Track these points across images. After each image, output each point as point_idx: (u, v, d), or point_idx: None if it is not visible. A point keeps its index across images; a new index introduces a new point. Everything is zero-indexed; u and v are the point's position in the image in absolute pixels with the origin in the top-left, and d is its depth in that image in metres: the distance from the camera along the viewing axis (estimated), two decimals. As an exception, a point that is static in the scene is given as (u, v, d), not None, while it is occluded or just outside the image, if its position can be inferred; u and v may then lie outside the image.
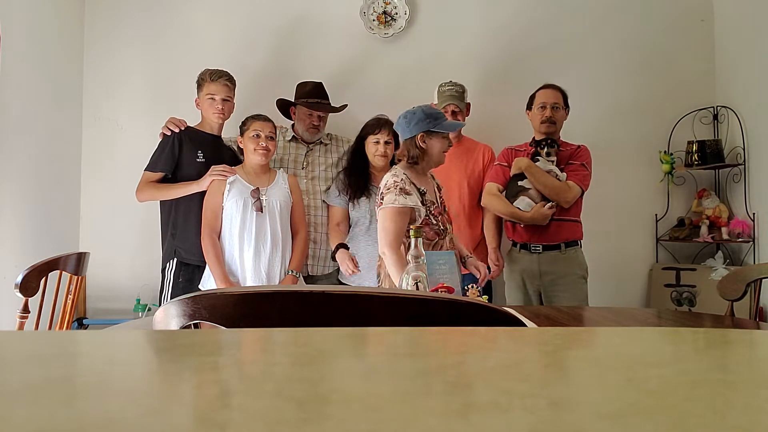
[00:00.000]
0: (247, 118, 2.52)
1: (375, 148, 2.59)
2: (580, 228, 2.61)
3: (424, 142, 2.05)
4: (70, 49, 3.07)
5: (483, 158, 2.80)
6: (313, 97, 2.74)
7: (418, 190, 2.05)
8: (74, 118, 3.09)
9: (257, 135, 2.45)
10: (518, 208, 2.50)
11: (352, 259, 2.54)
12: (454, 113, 2.72)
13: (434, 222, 2.04)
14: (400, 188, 1.98)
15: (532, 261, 2.56)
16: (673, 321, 1.79)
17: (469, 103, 2.81)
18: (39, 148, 2.75)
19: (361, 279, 2.63)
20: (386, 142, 2.59)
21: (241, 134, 2.51)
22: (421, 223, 1.99)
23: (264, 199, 2.44)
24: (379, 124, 2.62)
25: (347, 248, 2.58)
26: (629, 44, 3.30)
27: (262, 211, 2.42)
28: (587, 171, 2.57)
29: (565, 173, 2.53)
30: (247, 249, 2.39)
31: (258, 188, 2.45)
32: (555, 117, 2.59)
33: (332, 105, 2.79)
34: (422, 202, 2.03)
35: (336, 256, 2.58)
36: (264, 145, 2.45)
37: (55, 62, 2.91)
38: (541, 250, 2.55)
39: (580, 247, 2.61)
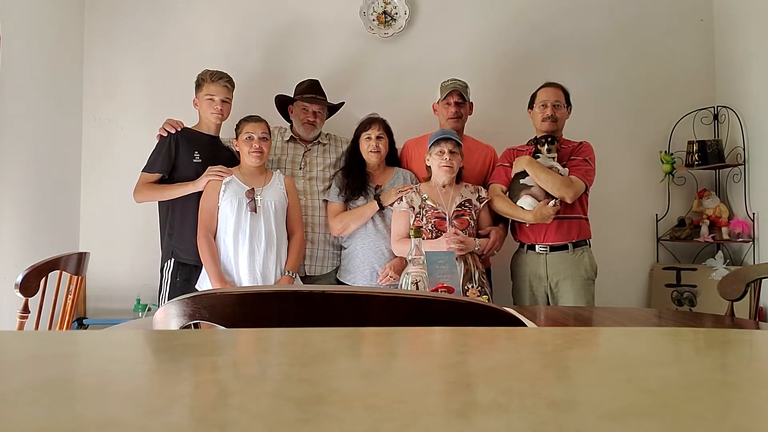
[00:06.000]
0: (240, 121, 2.53)
1: (367, 144, 2.60)
2: (587, 226, 2.58)
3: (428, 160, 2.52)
4: (70, 49, 3.07)
5: (485, 159, 2.79)
6: (308, 92, 2.75)
7: (421, 197, 2.46)
8: (74, 118, 3.09)
9: (250, 137, 2.47)
10: (521, 207, 2.48)
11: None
12: (457, 104, 2.71)
13: (424, 223, 2.43)
14: (403, 196, 2.49)
15: (539, 262, 2.54)
16: (674, 321, 1.78)
17: (471, 103, 2.80)
18: (39, 148, 2.75)
19: (356, 277, 2.63)
20: (378, 137, 2.59)
21: (236, 137, 2.53)
22: (413, 223, 2.36)
23: (259, 200, 2.44)
24: (369, 120, 2.64)
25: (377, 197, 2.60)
26: (629, 44, 3.30)
27: (256, 212, 2.43)
28: (590, 166, 2.55)
29: (567, 169, 2.51)
30: (242, 249, 2.40)
31: (253, 189, 2.46)
32: (556, 115, 2.57)
33: (329, 101, 2.80)
34: (420, 206, 2.44)
35: (380, 197, 2.58)
36: (257, 146, 2.46)
37: (55, 62, 2.91)
38: (548, 251, 2.53)
39: (589, 246, 2.59)
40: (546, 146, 2.50)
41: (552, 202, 2.43)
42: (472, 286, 2.30)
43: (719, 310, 2.17)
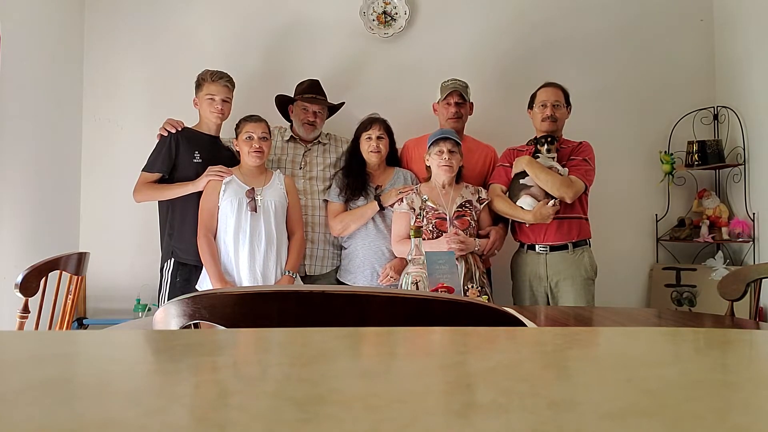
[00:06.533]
0: (240, 120, 2.54)
1: (368, 145, 2.60)
2: (587, 226, 2.58)
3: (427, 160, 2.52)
4: (70, 49, 3.07)
5: (486, 159, 2.79)
6: (308, 92, 2.75)
7: (422, 198, 2.46)
8: (74, 118, 3.09)
9: (249, 137, 2.47)
10: (521, 207, 2.49)
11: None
12: (457, 105, 2.71)
13: (425, 224, 2.42)
14: (403, 197, 2.49)
15: (539, 262, 2.54)
16: (673, 321, 1.78)
17: (471, 103, 2.80)
18: (39, 148, 2.75)
19: (356, 277, 2.63)
20: (378, 137, 2.59)
21: (236, 137, 2.53)
22: (414, 224, 2.29)
23: (259, 200, 2.44)
24: (370, 120, 2.64)
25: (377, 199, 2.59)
26: (629, 44, 3.30)
27: (256, 211, 2.43)
28: (590, 166, 2.55)
29: (567, 169, 2.51)
30: (242, 249, 2.40)
31: (253, 188, 2.46)
32: (556, 115, 2.58)
33: (329, 101, 2.80)
34: (421, 207, 2.44)
35: (381, 198, 2.57)
36: (257, 146, 2.46)
37: (55, 62, 2.91)
38: (548, 251, 2.53)
39: (589, 246, 2.59)
40: (546, 146, 2.50)
41: (552, 202, 2.43)
42: (473, 286, 2.30)
43: (719, 310, 2.17)
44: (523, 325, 0.61)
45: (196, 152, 2.55)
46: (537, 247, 2.54)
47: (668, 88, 3.28)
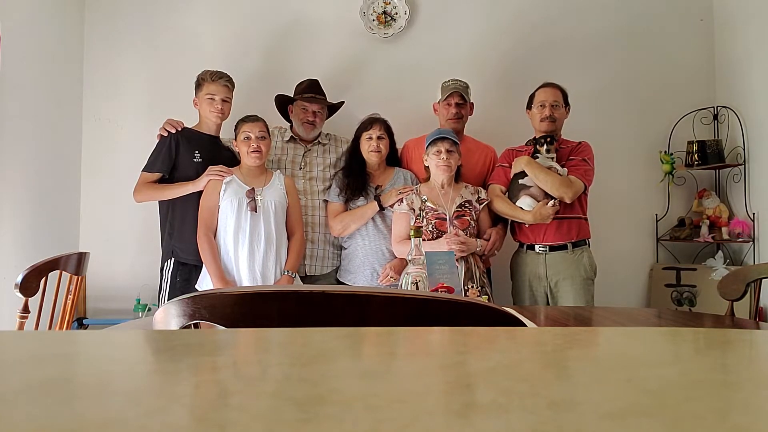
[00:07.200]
0: (238, 121, 2.54)
1: (368, 144, 2.60)
2: (586, 226, 2.58)
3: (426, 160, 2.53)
4: (70, 49, 3.07)
5: (485, 159, 2.79)
6: (308, 92, 2.75)
7: (421, 198, 2.47)
8: (74, 118, 3.08)
9: (247, 137, 2.47)
10: (521, 208, 2.49)
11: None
12: (458, 105, 2.71)
13: (425, 224, 2.43)
14: (403, 198, 2.49)
15: (539, 262, 2.54)
16: (673, 321, 1.78)
17: (472, 103, 2.80)
18: (39, 148, 2.74)
19: (356, 277, 2.64)
20: (379, 137, 2.60)
21: (235, 137, 2.53)
22: (413, 225, 2.33)
23: (259, 200, 2.45)
24: (371, 120, 2.64)
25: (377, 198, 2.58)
26: (629, 44, 3.30)
27: (256, 211, 2.43)
28: (589, 166, 2.55)
29: (566, 169, 2.51)
30: (242, 249, 2.40)
31: (253, 188, 2.46)
32: (555, 115, 2.58)
33: (328, 101, 2.80)
34: (420, 208, 2.44)
35: (380, 198, 2.57)
36: (255, 146, 2.46)
37: (55, 62, 2.91)
38: (547, 251, 2.53)
39: (588, 246, 2.59)
40: (545, 146, 2.51)
41: (551, 202, 2.43)
42: (473, 286, 2.30)
43: (719, 310, 2.17)
44: (523, 325, 0.61)
45: (196, 152, 2.56)
46: (536, 247, 2.54)
47: (668, 88, 3.28)
